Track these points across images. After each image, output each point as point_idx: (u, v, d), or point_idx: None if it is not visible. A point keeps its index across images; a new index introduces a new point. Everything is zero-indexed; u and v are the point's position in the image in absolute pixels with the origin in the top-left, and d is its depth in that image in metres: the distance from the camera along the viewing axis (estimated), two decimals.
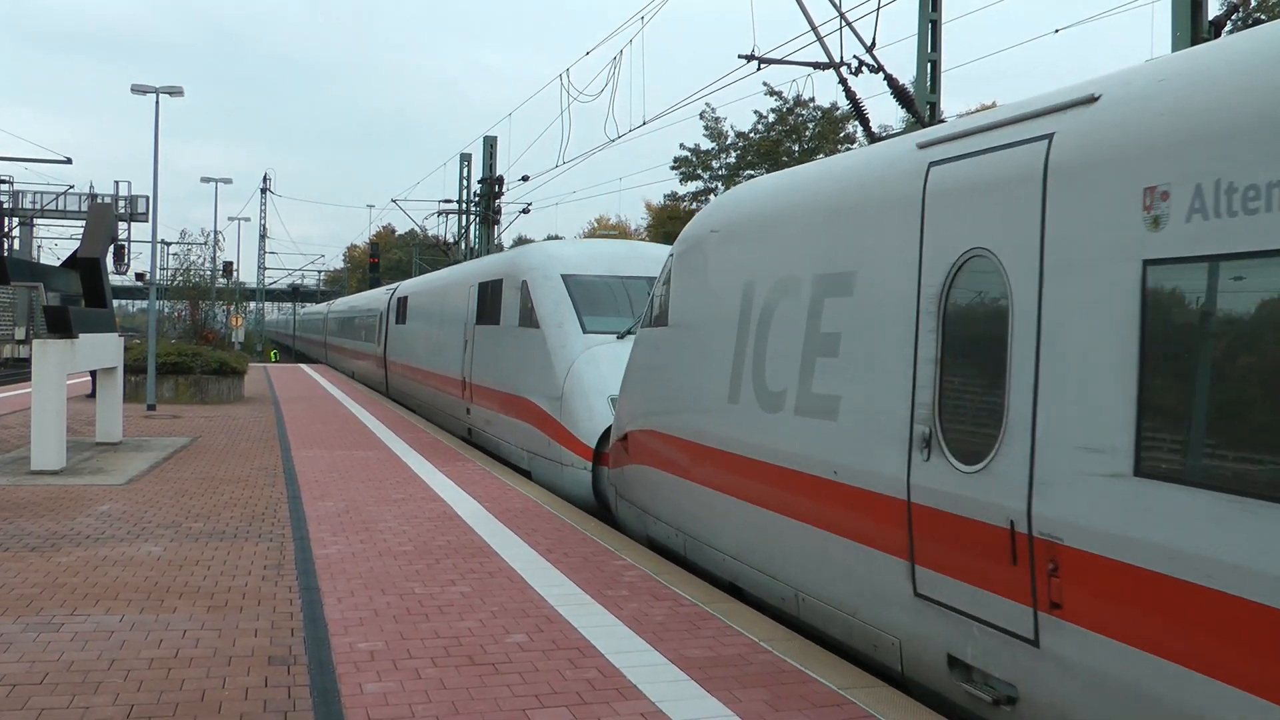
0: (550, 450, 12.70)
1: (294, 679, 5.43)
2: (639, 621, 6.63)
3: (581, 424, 12.04)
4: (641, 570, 8.04)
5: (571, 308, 13.36)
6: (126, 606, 6.73)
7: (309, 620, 6.49)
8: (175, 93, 22.43)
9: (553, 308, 13.52)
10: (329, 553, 8.43)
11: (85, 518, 9.66)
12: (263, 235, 74.55)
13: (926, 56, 16.91)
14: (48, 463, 12.37)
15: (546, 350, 13.21)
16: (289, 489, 11.61)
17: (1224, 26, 12.12)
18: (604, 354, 12.47)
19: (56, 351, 12.59)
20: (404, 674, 5.54)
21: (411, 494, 11.45)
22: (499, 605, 6.96)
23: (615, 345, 12.53)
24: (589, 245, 16.15)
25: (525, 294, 14.35)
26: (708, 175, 55.48)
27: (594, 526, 9.82)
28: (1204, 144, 4.06)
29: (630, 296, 13.59)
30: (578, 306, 13.36)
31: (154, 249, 24.31)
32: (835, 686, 5.47)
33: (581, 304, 13.41)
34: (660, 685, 5.46)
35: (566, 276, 13.87)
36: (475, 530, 9.47)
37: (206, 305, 38.02)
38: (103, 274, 15.14)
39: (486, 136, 35.74)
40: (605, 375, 12.08)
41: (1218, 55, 4.39)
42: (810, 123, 52.67)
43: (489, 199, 34.92)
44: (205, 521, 9.62)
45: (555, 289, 13.75)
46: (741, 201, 8.48)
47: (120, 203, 52.36)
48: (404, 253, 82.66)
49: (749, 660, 5.91)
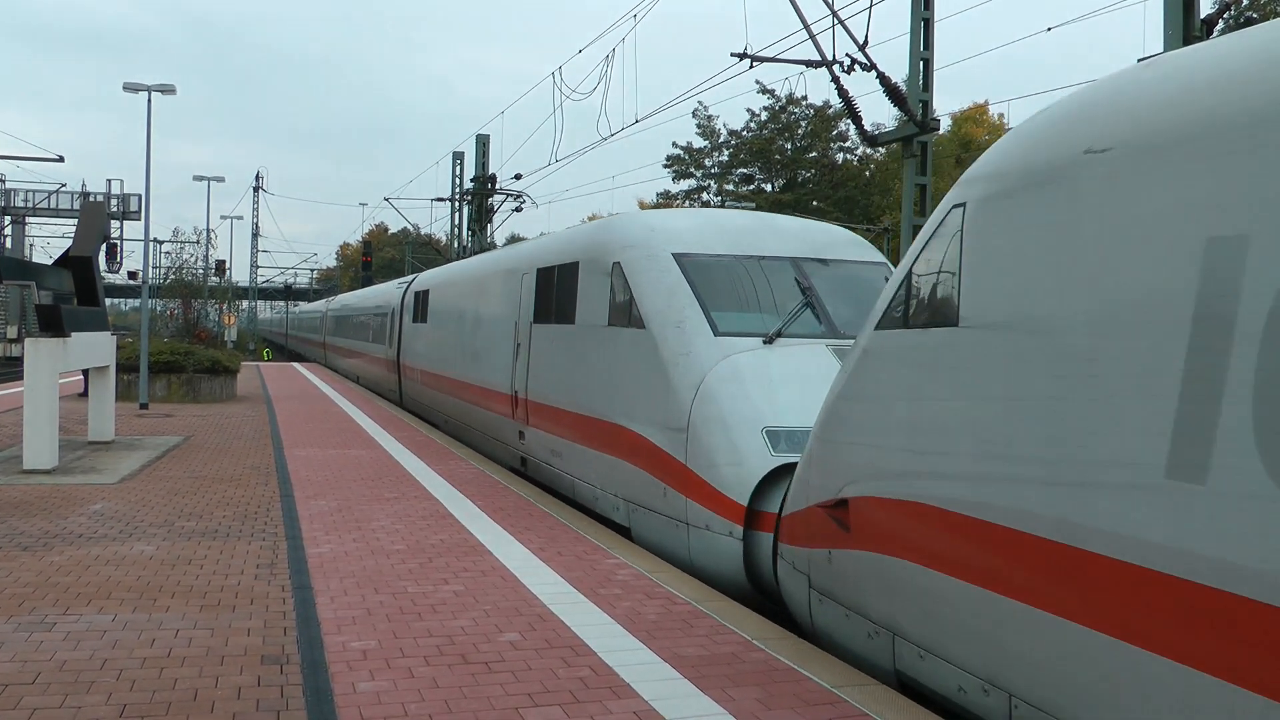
0: (669, 503, 8.97)
1: (287, 678, 5.42)
2: (632, 620, 6.64)
3: (723, 469, 8.35)
4: (634, 569, 8.04)
5: (695, 300, 9.63)
6: (119, 606, 6.72)
7: (302, 619, 6.49)
8: (167, 90, 22.37)
9: (665, 300, 9.78)
10: (322, 551, 8.42)
11: (78, 517, 9.64)
12: (255, 234, 74.47)
13: (919, 54, 16.95)
14: (40, 462, 12.33)
15: (659, 360, 9.46)
16: (282, 488, 11.59)
17: (1216, 25, 12.17)
18: (749, 366, 8.93)
19: (48, 350, 12.55)
20: (397, 673, 5.55)
21: (404, 493, 11.44)
22: (492, 604, 6.96)
23: (764, 353, 9.06)
24: (702, 216, 12.11)
25: (619, 281, 10.56)
26: (700, 174, 55.55)
27: (587, 525, 9.83)
28: None
29: (771, 285, 10.04)
30: (702, 299, 9.66)
31: (146, 247, 24.27)
32: (828, 685, 5.48)
33: (707, 295, 9.74)
34: (653, 684, 5.46)
35: (681, 257, 10.12)
36: (468, 529, 9.47)
37: (199, 304, 37.95)
38: (95, 272, 15.11)
39: (479, 135, 35.80)
40: (754, 396, 8.64)
41: None
42: (803, 121, 52.68)
43: (482, 197, 34.91)
44: (198, 520, 9.60)
45: (667, 274, 9.98)
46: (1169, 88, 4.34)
47: (112, 201, 52.28)
48: (397, 251, 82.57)
49: (742, 658, 5.92)
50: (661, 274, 10.01)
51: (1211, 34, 11.81)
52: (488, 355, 15.62)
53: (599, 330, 10.91)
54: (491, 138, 36.20)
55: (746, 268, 10.14)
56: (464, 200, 37.20)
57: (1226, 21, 31.18)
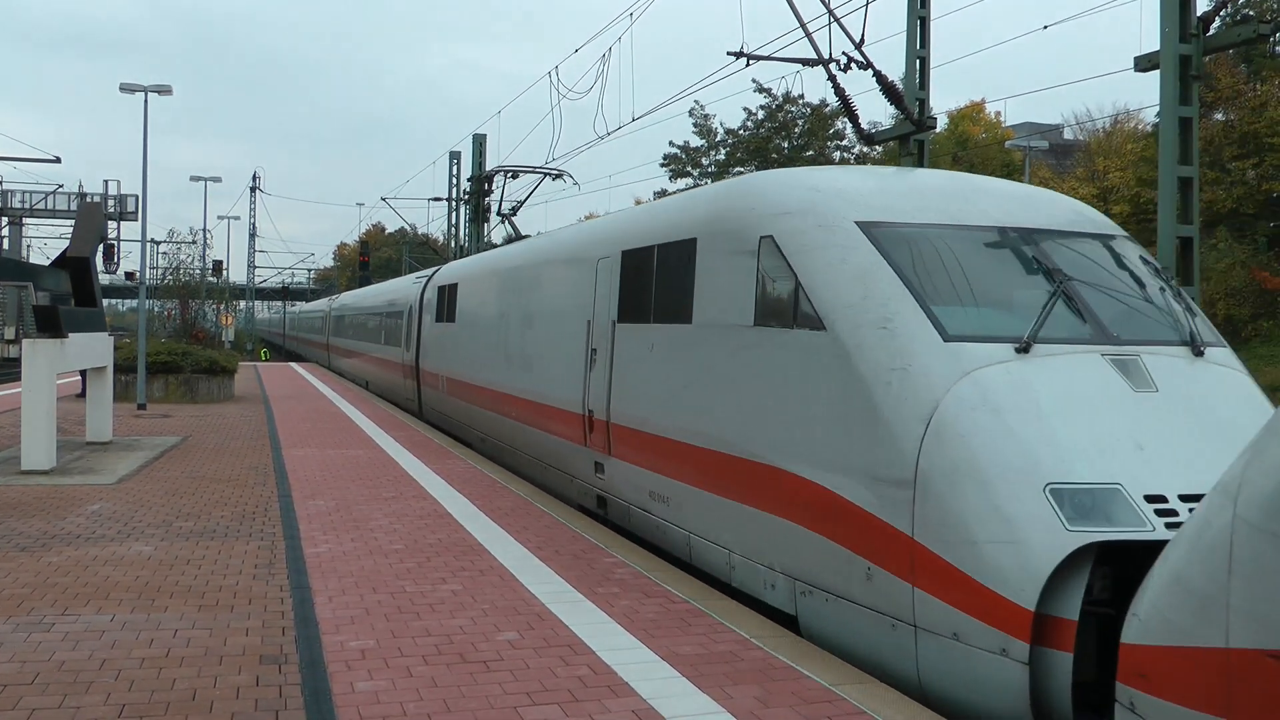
0: (876, 592, 6.11)
1: (285, 677, 5.43)
2: (630, 619, 6.65)
3: (987, 548, 5.50)
4: (632, 568, 8.05)
5: (905, 289, 6.62)
6: (117, 606, 6.72)
7: (300, 619, 6.50)
8: (164, 91, 22.36)
9: (858, 289, 6.77)
10: (320, 551, 8.42)
11: (76, 517, 9.64)
12: (252, 234, 74.38)
13: (915, 53, 16.94)
14: (38, 462, 12.33)
15: (855, 376, 6.49)
16: (280, 488, 11.59)
17: (1212, 22, 12.17)
18: (1007, 387, 6.05)
19: (46, 351, 12.55)
20: (395, 672, 5.55)
21: (402, 492, 11.44)
22: (490, 603, 6.97)
23: (1021, 367, 6.18)
24: (875, 174, 9.03)
25: (772, 263, 7.52)
26: (697, 172, 55.57)
27: (584, 523, 9.83)
28: None
29: (1002, 268, 7.10)
30: (916, 287, 6.65)
31: (143, 248, 24.24)
32: (826, 683, 5.50)
33: (923, 282, 6.72)
34: (652, 682, 5.47)
35: (872, 228, 7.07)
36: (466, 528, 9.47)
37: (196, 304, 37.96)
38: (92, 273, 15.11)
39: (476, 135, 35.80)
40: (1025, 435, 5.81)
41: None
42: (799, 120, 52.76)
43: (479, 196, 34.93)
44: (196, 520, 9.61)
45: (855, 252, 6.96)
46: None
47: (109, 201, 52.24)
48: (394, 251, 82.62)
49: (740, 657, 5.93)
50: (846, 252, 6.97)
51: (1208, 30, 11.81)
52: (543, 363, 12.59)
53: (737, 332, 7.82)
54: (489, 137, 36.22)
55: (965, 243, 7.09)
56: (462, 201, 37.23)
57: (1223, 18, 31.17)
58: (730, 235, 8.21)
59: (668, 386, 8.89)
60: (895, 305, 6.54)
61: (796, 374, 7.06)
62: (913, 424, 6.03)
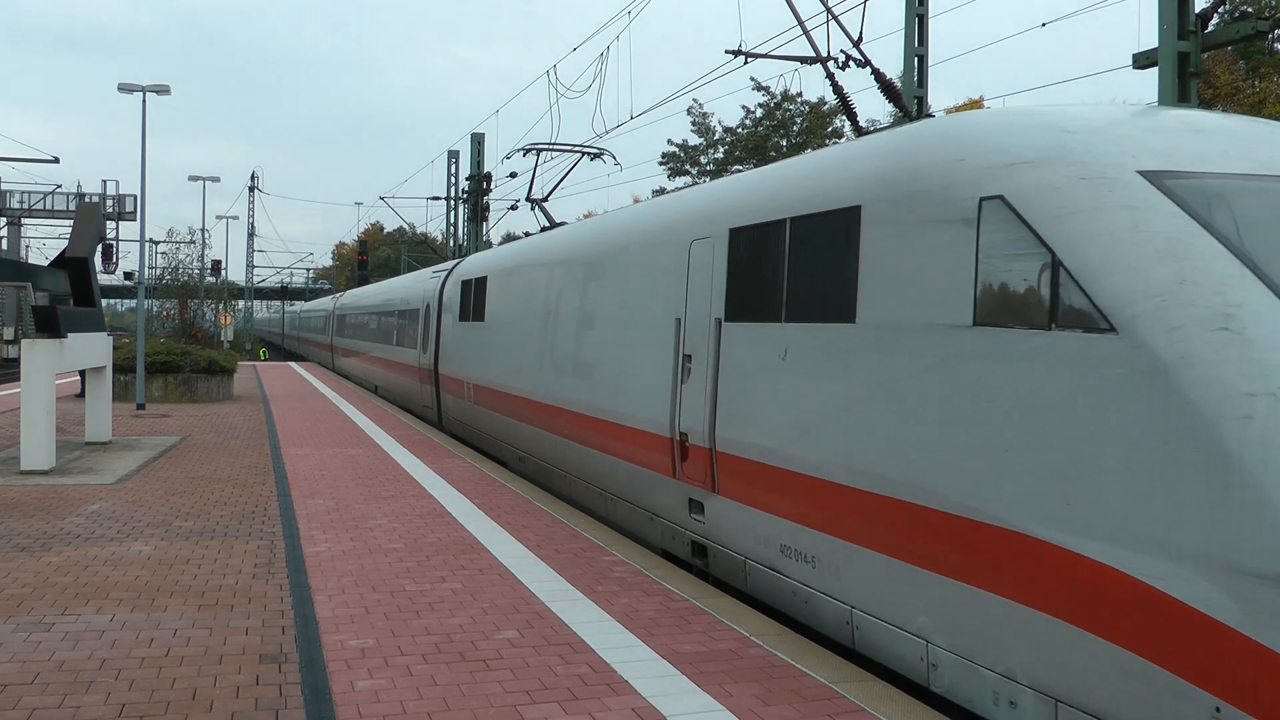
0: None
1: (285, 677, 5.43)
2: (630, 617, 6.65)
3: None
4: (631, 566, 8.06)
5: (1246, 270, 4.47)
6: (117, 606, 6.73)
7: (300, 618, 6.50)
8: (162, 91, 22.36)
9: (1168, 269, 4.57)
10: (319, 550, 8.43)
11: (75, 517, 9.64)
12: (251, 234, 74.36)
13: (914, 50, 16.95)
14: (37, 463, 12.34)
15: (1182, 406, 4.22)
16: (279, 487, 11.59)
17: (1210, 19, 12.17)
18: None
19: (45, 351, 12.55)
20: (395, 671, 5.55)
21: (401, 491, 11.44)
22: (489, 602, 6.97)
23: None
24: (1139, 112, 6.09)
25: (1002, 235, 5.31)
26: (696, 171, 55.56)
27: (584, 522, 9.83)
28: None
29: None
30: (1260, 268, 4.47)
31: (142, 248, 24.24)
32: (826, 681, 5.50)
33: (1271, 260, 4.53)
34: (651, 680, 5.48)
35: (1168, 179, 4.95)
36: (465, 527, 9.47)
37: (195, 304, 37.97)
38: (91, 273, 15.10)
39: (474, 134, 35.82)
40: None
41: None
42: (798, 118, 52.77)
43: (477, 195, 34.92)
44: (195, 520, 9.61)
45: (1154, 215, 4.79)
46: None
47: (108, 201, 52.24)
48: (393, 250, 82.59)
49: (740, 655, 5.93)
50: (1138, 215, 4.83)
51: (1206, 27, 11.81)
52: (610, 371, 10.33)
53: (943, 335, 5.57)
54: (487, 136, 36.23)
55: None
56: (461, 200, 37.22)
57: (1221, 15, 31.15)
58: (922, 199, 5.93)
59: (816, 407, 6.65)
60: (1238, 293, 4.39)
61: (1061, 398, 4.82)
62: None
